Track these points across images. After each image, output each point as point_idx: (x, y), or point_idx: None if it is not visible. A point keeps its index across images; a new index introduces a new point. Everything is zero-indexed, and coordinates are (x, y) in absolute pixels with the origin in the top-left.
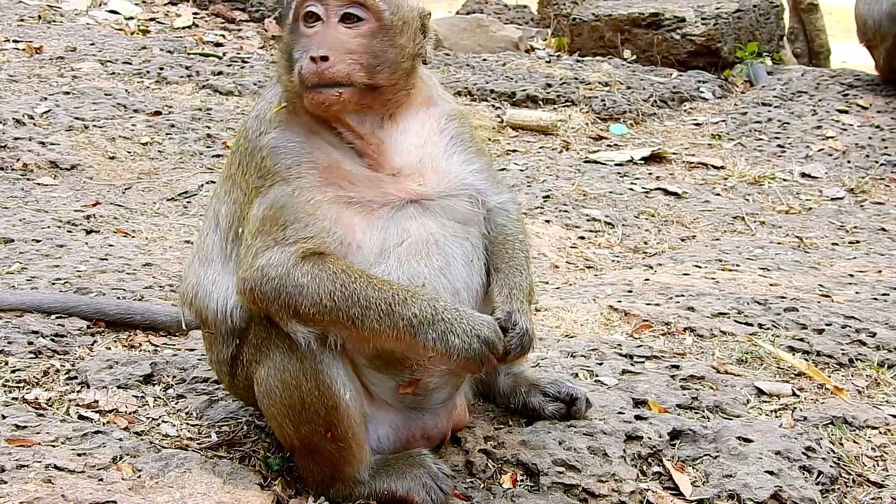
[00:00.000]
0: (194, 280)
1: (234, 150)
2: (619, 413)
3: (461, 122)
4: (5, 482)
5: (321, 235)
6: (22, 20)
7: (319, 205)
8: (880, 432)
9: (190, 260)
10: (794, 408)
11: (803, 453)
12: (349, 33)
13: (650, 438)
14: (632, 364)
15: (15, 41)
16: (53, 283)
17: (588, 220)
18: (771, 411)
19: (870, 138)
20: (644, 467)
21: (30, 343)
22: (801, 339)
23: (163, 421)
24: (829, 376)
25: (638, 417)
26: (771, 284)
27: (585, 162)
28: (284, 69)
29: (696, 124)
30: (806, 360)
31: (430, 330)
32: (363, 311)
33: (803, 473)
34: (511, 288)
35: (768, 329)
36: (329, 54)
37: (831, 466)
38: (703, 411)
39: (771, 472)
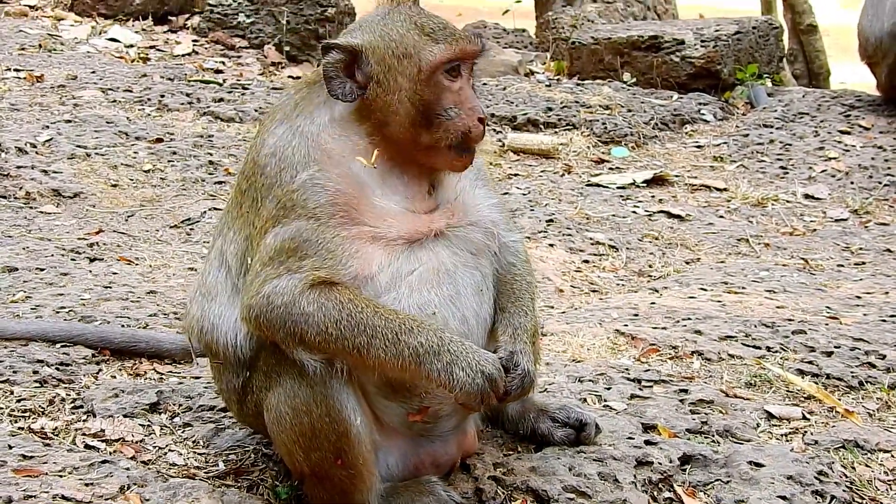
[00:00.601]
0: (199, 314)
1: (244, 189)
2: (629, 438)
3: (479, 156)
4: None
5: (336, 267)
6: (23, 49)
7: (343, 241)
8: (892, 455)
9: (192, 296)
10: (805, 431)
11: (815, 478)
12: (474, 87)
13: (661, 464)
14: (640, 388)
15: (16, 70)
16: (58, 312)
17: (592, 244)
18: (781, 435)
19: (872, 159)
20: (655, 493)
21: (35, 372)
22: (810, 362)
23: (170, 450)
24: (840, 399)
25: (648, 442)
26: (778, 307)
27: (588, 185)
28: (413, 119)
29: (698, 146)
30: (815, 383)
31: (436, 360)
32: (369, 339)
33: (816, 498)
34: (515, 328)
35: (776, 352)
36: (485, 112)
37: (844, 491)
38: (713, 436)
39: (783, 497)
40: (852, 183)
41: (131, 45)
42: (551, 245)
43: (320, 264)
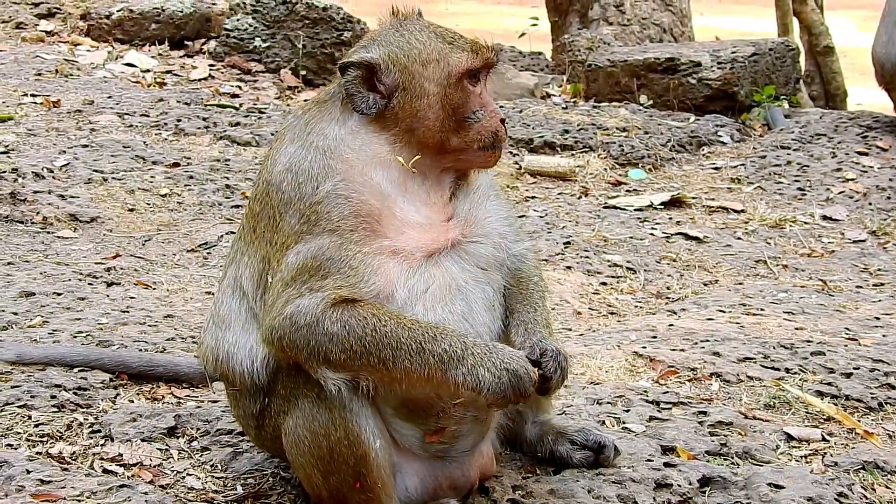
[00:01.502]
0: (213, 343)
1: (256, 212)
2: (648, 460)
3: (490, 177)
4: None
5: (358, 285)
6: (39, 74)
7: (365, 257)
8: None
9: (206, 325)
10: (825, 453)
11: (835, 499)
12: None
13: (680, 486)
14: (659, 410)
15: (33, 95)
16: (75, 336)
17: (609, 266)
18: (801, 457)
19: (890, 180)
20: None
21: (52, 397)
22: (829, 384)
23: (188, 474)
24: (859, 421)
25: (667, 465)
26: (796, 328)
27: (605, 207)
28: (443, 123)
29: (715, 168)
30: (835, 404)
31: (461, 365)
32: (394, 352)
33: None
34: (526, 324)
35: (795, 373)
36: (504, 116)
37: None
38: (733, 458)
39: None
40: (870, 204)
41: (147, 70)
42: (569, 268)
43: (343, 282)
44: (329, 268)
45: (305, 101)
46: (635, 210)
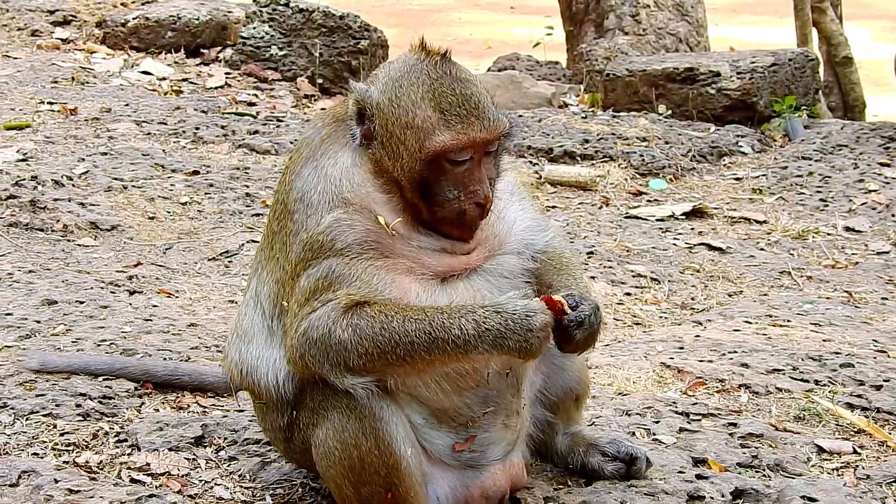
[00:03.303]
0: (237, 357)
1: (275, 230)
2: (680, 472)
3: (514, 174)
4: None
5: (372, 294)
6: (55, 82)
7: (378, 270)
8: None
9: (230, 339)
10: (857, 466)
11: None
12: (490, 162)
13: (713, 498)
14: (688, 422)
15: (50, 102)
16: (99, 345)
17: (633, 276)
18: (833, 469)
19: None
20: None
21: (78, 405)
22: (859, 396)
23: (216, 484)
24: (890, 433)
25: (699, 477)
26: (824, 340)
27: (626, 217)
28: (412, 192)
29: (737, 179)
30: (865, 416)
31: (480, 343)
32: (409, 346)
33: None
34: (568, 287)
35: (825, 385)
36: (489, 194)
37: None
38: (764, 470)
39: None
40: (893, 215)
41: (164, 78)
42: (592, 278)
43: (356, 291)
44: (340, 283)
45: (324, 109)
46: (657, 220)
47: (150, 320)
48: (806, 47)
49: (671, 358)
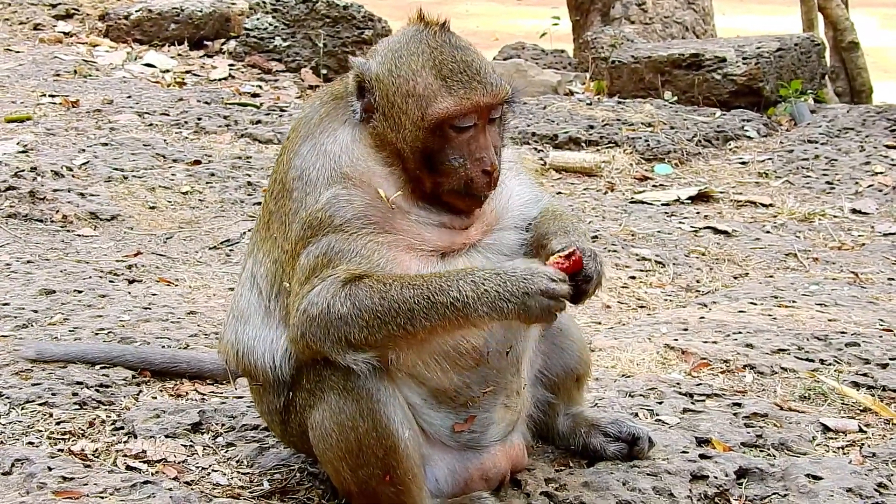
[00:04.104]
0: (233, 338)
1: (272, 210)
2: (683, 452)
3: (511, 150)
4: None
5: (371, 268)
6: (58, 75)
7: (379, 246)
8: None
9: (226, 321)
10: (862, 444)
11: (875, 490)
12: (494, 131)
13: (716, 478)
14: (692, 402)
15: (51, 95)
16: (97, 334)
17: (638, 260)
18: (838, 448)
19: None
20: None
21: (74, 394)
22: (865, 374)
23: (213, 470)
24: None
25: (702, 456)
26: (830, 320)
27: (631, 202)
28: (415, 162)
29: (742, 163)
30: (871, 395)
31: (479, 306)
32: (408, 314)
33: None
34: (566, 231)
35: (830, 364)
36: (495, 162)
37: None
38: (769, 449)
39: None
40: None
41: (167, 70)
42: None
43: (355, 266)
44: (340, 259)
45: (321, 87)
46: (662, 205)
47: (149, 309)
48: (812, 32)
49: (675, 339)
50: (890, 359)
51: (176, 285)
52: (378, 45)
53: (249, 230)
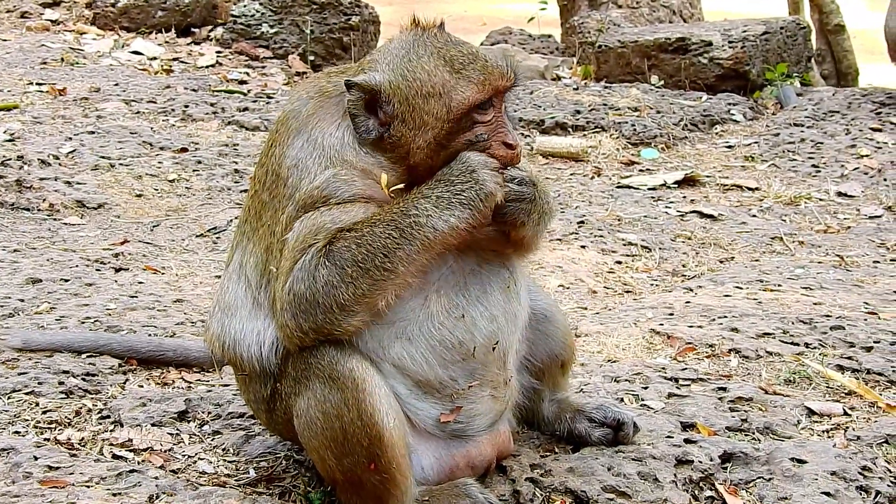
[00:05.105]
0: (219, 330)
1: (265, 201)
2: (668, 437)
3: None
4: None
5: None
6: (45, 63)
7: (366, 214)
8: None
9: (212, 312)
10: (847, 427)
11: (859, 473)
12: (505, 112)
13: (701, 462)
14: (677, 387)
15: (38, 83)
16: (83, 322)
17: (624, 245)
18: (823, 431)
19: None
20: (696, 492)
21: (60, 383)
22: (850, 358)
23: (199, 458)
24: (881, 394)
25: (687, 441)
26: (815, 303)
27: (618, 187)
28: (435, 153)
29: (729, 147)
30: (856, 378)
31: (443, 212)
32: (385, 251)
33: (861, 493)
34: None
35: (815, 348)
36: (517, 138)
37: (889, 486)
38: (754, 433)
39: (828, 494)
40: (885, 180)
41: (154, 58)
42: (583, 247)
43: (336, 229)
44: (323, 228)
45: (305, 77)
46: (649, 189)
47: (136, 297)
48: (797, 15)
49: (661, 324)
50: (874, 342)
51: (163, 273)
52: (375, 56)
53: (236, 218)
